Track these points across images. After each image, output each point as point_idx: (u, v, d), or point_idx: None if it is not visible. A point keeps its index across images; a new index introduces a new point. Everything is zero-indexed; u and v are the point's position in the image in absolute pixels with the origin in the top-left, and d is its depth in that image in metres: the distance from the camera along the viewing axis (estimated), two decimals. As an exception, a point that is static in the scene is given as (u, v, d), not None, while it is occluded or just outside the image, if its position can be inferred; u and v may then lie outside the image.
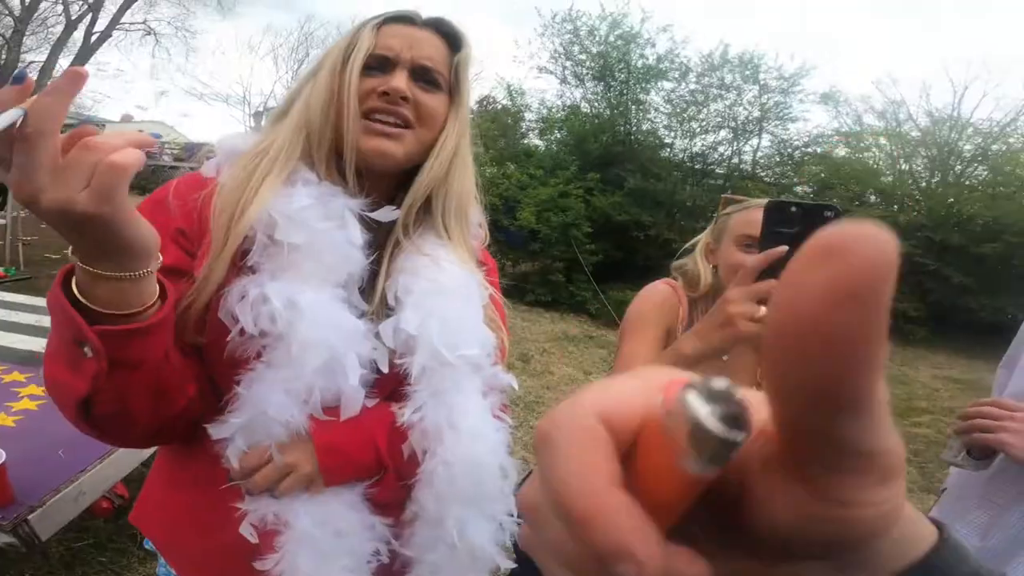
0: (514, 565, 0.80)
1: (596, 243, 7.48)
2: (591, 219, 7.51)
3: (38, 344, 2.24)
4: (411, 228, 0.76)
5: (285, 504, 0.68)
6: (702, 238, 1.18)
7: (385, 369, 0.71)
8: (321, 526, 0.68)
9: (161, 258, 0.54)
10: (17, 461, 1.39)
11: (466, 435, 0.72)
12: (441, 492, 0.72)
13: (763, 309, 0.78)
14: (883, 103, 10.15)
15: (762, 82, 9.05)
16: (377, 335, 0.72)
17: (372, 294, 0.74)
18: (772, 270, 0.78)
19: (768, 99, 9.14)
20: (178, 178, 0.71)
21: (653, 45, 9.13)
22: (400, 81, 0.69)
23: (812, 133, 9.53)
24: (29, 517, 1.34)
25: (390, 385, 0.74)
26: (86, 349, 0.52)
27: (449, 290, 0.74)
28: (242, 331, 0.64)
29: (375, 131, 0.70)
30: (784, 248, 0.77)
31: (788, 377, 0.14)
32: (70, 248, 0.51)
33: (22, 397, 1.80)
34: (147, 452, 1.71)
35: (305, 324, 0.64)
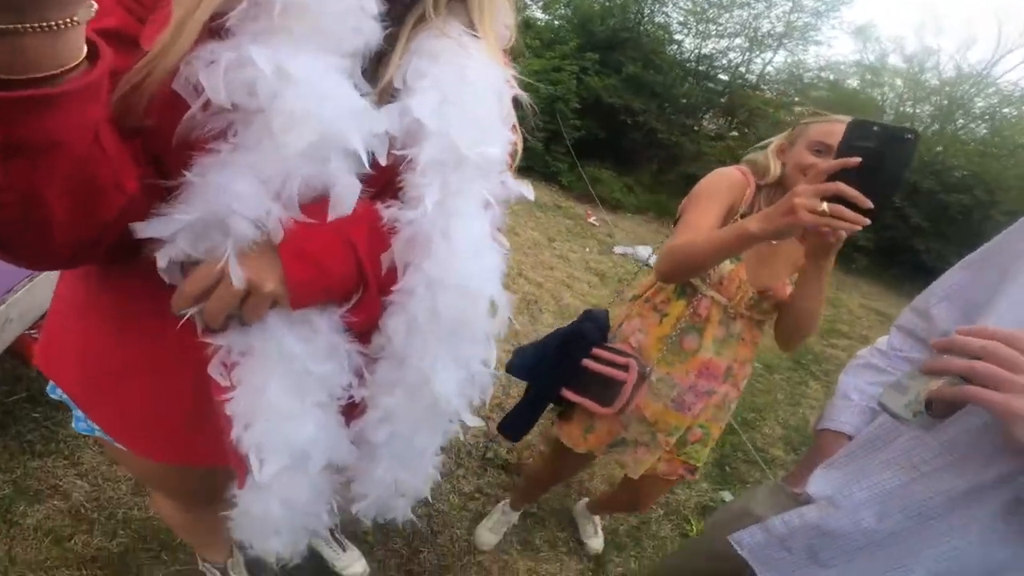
0: (480, 422, 0.73)
1: (581, 120, 7.56)
2: (581, 97, 7.53)
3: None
4: (441, 5, 0.63)
5: (246, 329, 0.57)
6: (776, 140, 1.34)
7: (383, 160, 0.59)
8: (290, 354, 0.58)
9: (95, 6, 0.40)
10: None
11: (461, 250, 0.61)
12: (414, 321, 0.61)
13: (824, 205, 0.87)
14: (915, 48, 9.89)
15: (796, -1, 8.77)
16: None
17: (379, 75, 0.61)
18: (840, 176, 0.86)
19: (797, 18, 8.93)
20: None
21: (687, -67, 8.74)
22: None
23: (830, 59, 9.40)
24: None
25: (381, 182, 0.61)
26: None
27: (473, 79, 0.63)
28: (206, 105, 0.50)
29: None
30: (858, 159, 0.84)
31: None
32: None
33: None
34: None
35: (295, 94, 0.50)
